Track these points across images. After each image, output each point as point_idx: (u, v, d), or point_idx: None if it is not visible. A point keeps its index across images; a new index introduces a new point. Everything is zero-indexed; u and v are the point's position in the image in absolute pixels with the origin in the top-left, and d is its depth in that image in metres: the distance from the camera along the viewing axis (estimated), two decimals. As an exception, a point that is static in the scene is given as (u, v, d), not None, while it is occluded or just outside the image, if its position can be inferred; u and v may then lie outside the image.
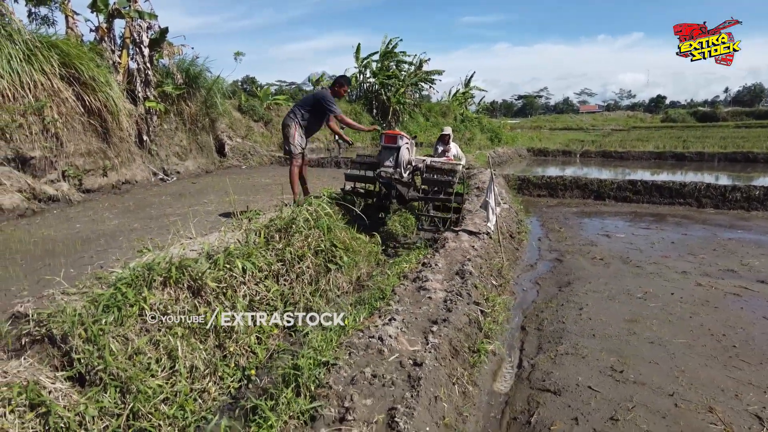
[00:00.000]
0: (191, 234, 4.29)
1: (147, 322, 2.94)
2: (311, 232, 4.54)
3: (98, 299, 2.84)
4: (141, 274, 3.12)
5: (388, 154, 5.80)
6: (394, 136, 5.80)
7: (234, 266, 3.62)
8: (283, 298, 4.04)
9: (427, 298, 3.92)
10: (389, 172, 5.71)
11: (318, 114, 5.96)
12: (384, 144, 5.86)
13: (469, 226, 6.26)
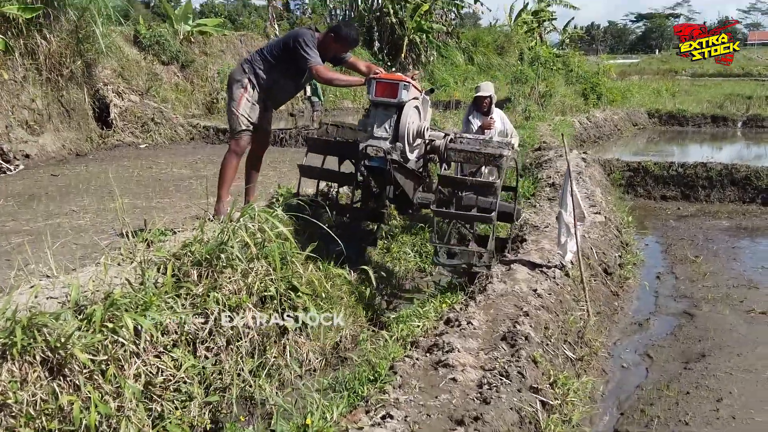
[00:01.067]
0: (50, 269, 4.50)
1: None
2: (254, 265, 4.73)
3: None
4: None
5: (381, 117, 5.86)
6: (394, 83, 5.81)
7: (121, 326, 3.82)
8: (204, 379, 4.23)
9: (450, 380, 4.09)
10: (382, 149, 5.71)
11: (292, 67, 6.17)
12: (374, 97, 5.88)
13: (531, 254, 6.43)
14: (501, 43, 36.40)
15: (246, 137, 6.20)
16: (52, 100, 12.58)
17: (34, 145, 11.76)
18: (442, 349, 4.50)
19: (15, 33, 11.49)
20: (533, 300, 5.44)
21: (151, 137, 14.79)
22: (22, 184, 9.52)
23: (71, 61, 12.95)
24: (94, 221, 7.00)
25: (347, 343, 5.53)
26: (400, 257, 7.45)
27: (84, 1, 12.83)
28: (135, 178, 10.14)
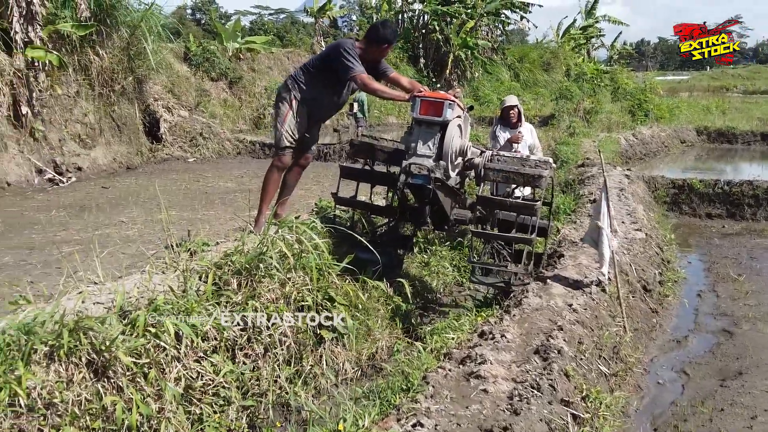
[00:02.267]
0: (97, 276, 4.70)
1: (22, 415, 3.31)
2: (291, 276, 4.86)
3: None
4: (15, 340, 3.48)
5: (424, 134, 5.86)
6: (439, 102, 5.80)
7: (163, 331, 3.98)
8: (242, 385, 4.36)
9: (481, 391, 4.15)
10: (425, 167, 5.72)
11: (333, 79, 6.18)
12: (419, 115, 5.86)
13: (568, 270, 6.45)
14: (547, 59, 36.27)
15: (289, 153, 6.29)
16: (104, 114, 12.98)
17: (86, 158, 12.15)
18: (474, 360, 4.56)
19: (69, 49, 11.91)
20: (568, 315, 5.46)
21: (199, 151, 15.14)
22: (73, 196, 9.85)
23: (123, 77, 13.35)
24: (142, 232, 7.23)
25: (383, 354, 5.62)
26: (439, 271, 7.52)
27: (135, 19, 13.24)
28: (182, 190, 10.41)
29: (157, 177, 11.98)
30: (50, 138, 11.49)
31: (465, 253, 7.70)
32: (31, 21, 10.83)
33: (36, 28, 10.93)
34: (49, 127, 11.51)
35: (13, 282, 5.18)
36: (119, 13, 12.95)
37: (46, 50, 10.98)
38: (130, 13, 13.32)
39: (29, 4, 10.73)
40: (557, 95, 25.70)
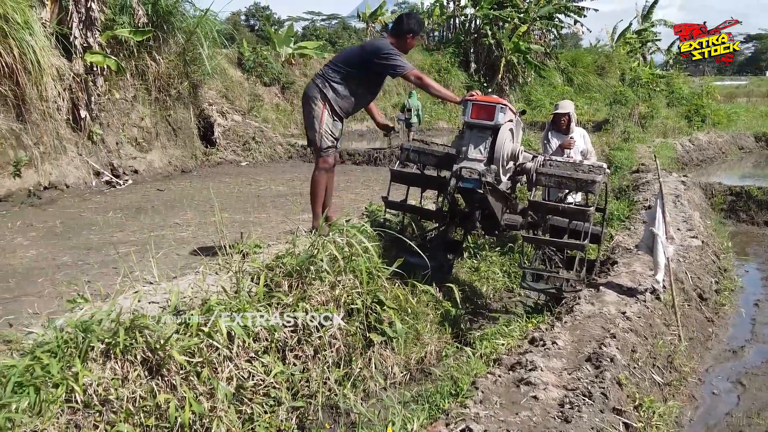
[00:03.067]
0: (152, 276, 4.80)
1: (78, 411, 3.40)
2: (341, 279, 4.90)
3: (7, 374, 3.31)
4: (72, 337, 3.59)
5: (476, 138, 5.86)
6: (491, 105, 5.80)
7: (215, 330, 4.04)
8: (292, 385, 4.41)
9: (531, 398, 4.12)
10: (476, 171, 5.69)
11: (371, 80, 6.30)
12: (470, 119, 5.87)
13: (621, 277, 6.36)
14: (601, 63, 35.89)
15: (332, 153, 6.33)
16: (160, 118, 13.24)
17: (142, 161, 12.41)
18: (525, 367, 4.53)
19: (127, 54, 12.19)
20: (621, 322, 5.40)
21: (251, 155, 15.33)
22: (130, 198, 10.07)
23: (179, 82, 13.61)
24: (196, 233, 7.35)
25: (432, 359, 5.62)
26: (489, 276, 7.49)
27: (191, 25, 13.49)
28: (235, 194, 10.55)
29: (211, 180, 12.17)
30: (108, 141, 11.76)
31: (515, 259, 7.65)
32: (90, 27, 11.11)
33: (95, 34, 11.20)
34: (107, 131, 11.78)
35: (72, 281, 5.32)
36: (175, 19, 13.20)
37: (104, 55, 11.25)
38: (186, 19, 13.57)
39: (88, 10, 11.00)
40: (611, 100, 25.38)
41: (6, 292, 5.27)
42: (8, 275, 5.75)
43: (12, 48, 9.15)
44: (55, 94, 10.36)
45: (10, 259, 6.30)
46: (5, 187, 9.08)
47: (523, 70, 30.65)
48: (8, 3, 8.98)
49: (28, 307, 4.70)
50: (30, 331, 3.80)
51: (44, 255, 6.49)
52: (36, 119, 9.82)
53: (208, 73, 14.36)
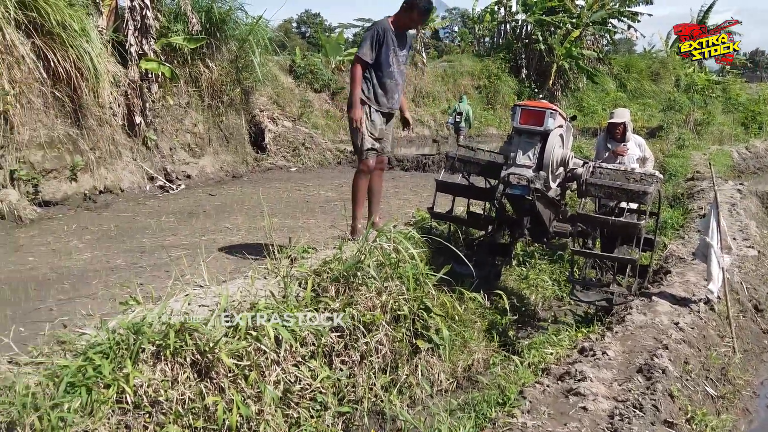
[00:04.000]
0: (203, 280, 4.87)
1: (128, 412, 3.46)
2: (388, 285, 4.90)
3: (60, 374, 3.39)
4: (124, 339, 3.66)
5: (524, 144, 5.79)
6: (540, 111, 5.72)
7: (263, 334, 4.08)
8: (338, 391, 4.42)
9: (580, 408, 4.07)
10: (525, 177, 5.64)
11: (379, 64, 6.30)
12: (519, 125, 5.78)
13: (675, 287, 6.24)
14: (656, 69, 35.30)
15: (373, 156, 6.36)
16: (213, 125, 13.45)
17: (194, 166, 12.61)
18: (574, 377, 4.49)
19: (181, 62, 12.43)
20: (674, 333, 5.30)
21: (301, 161, 15.45)
22: (182, 202, 10.25)
23: (231, 89, 13.81)
24: (245, 238, 7.44)
25: (479, 367, 5.58)
26: (538, 284, 7.41)
27: (244, 33, 13.68)
28: (284, 199, 10.65)
29: (261, 185, 12.30)
30: (162, 147, 11.98)
31: (566, 267, 7.55)
32: (145, 34, 11.35)
33: (150, 41, 11.44)
34: (161, 137, 12.01)
35: (124, 283, 5.43)
36: (228, 27, 13.42)
37: (159, 62, 11.47)
38: (238, 27, 13.78)
39: (144, 18, 11.25)
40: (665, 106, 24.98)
41: (61, 294, 5.41)
42: (63, 277, 5.90)
43: (70, 55, 9.40)
44: (111, 101, 10.60)
45: (65, 262, 6.46)
46: (62, 190, 9.31)
47: (575, 75, 30.38)
48: (66, 11, 9.22)
49: (82, 309, 4.80)
50: (83, 332, 3.88)
51: (98, 257, 6.64)
52: (92, 125, 10.06)
53: (260, 79, 14.53)
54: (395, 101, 6.47)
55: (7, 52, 8.68)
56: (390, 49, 6.27)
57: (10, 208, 8.24)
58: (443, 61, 30.51)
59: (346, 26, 51.43)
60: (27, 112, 8.91)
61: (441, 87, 26.69)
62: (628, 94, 32.31)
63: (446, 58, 31.60)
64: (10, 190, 8.53)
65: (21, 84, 8.79)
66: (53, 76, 9.32)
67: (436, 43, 43.09)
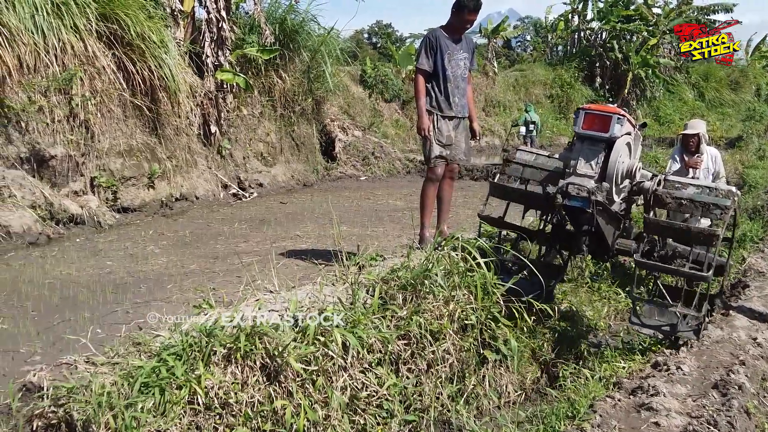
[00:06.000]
0: (273, 285, 4.95)
1: (199, 413, 3.54)
2: (455, 294, 4.88)
3: (134, 374, 3.49)
4: (196, 341, 3.75)
5: (587, 152, 5.33)
6: (606, 115, 5.26)
7: (331, 340, 4.12)
8: (404, 399, 4.42)
9: (653, 424, 3.97)
10: (586, 188, 5.17)
11: (437, 74, 6.40)
12: (582, 130, 5.32)
13: (753, 301, 6.05)
14: (735, 78, 34.26)
15: (441, 164, 6.42)
16: (285, 134, 13.70)
17: (267, 175, 12.85)
18: (646, 392, 4.39)
19: (255, 72, 12.73)
20: (752, 349, 5.13)
21: (370, 170, 15.57)
22: (254, 210, 10.45)
23: (303, 99, 14.06)
24: (315, 245, 7.53)
25: (547, 379, 5.51)
26: (610, 296, 7.26)
27: (316, 44, 13.90)
28: (354, 207, 10.75)
29: (331, 194, 12.44)
30: (235, 155, 12.27)
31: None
32: (221, 46, 11.65)
33: (225, 53, 11.74)
34: (235, 146, 12.30)
35: (198, 288, 5.58)
36: (301, 38, 13.68)
37: (234, 73, 11.75)
38: (310, 38, 14.02)
39: (220, 30, 11.55)
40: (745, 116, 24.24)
41: (138, 297, 5.59)
42: (140, 281, 6.09)
43: (149, 66, 9.72)
44: (188, 110, 10.92)
45: (142, 266, 6.66)
46: (140, 197, 9.62)
47: (651, 84, 29.73)
48: (145, 23, 9.55)
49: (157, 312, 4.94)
50: (157, 333, 4.00)
51: (174, 262, 6.82)
52: (169, 134, 10.37)
53: (331, 89, 14.74)
54: (459, 105, 6.50)
55: (88, 63, 9.04)
56: (445, 54, 6.35)
57: (90, 214, 8.56)
58: (515, 70, 30.28)
59: (417, 36, 51.43)
60: (107, 121, 9.26)
61: (512, 96, 26.50)
62: (707, 104, 31.48)
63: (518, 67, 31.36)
64: (90, 197, 8.86)
65: (102, 93, 9.13)
66: (132, 86, 9.67)
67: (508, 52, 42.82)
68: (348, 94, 18.03)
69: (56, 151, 8.60)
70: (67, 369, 3.71)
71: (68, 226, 8.28)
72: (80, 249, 7.43)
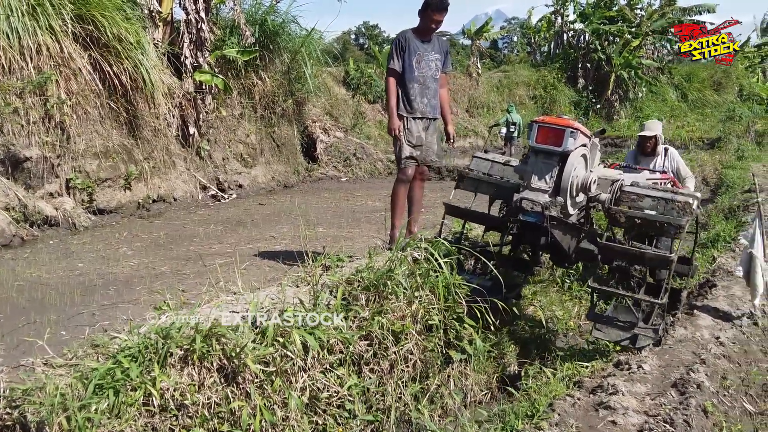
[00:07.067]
0: (238, 287, 4.95)
1: (155, 415, 3.54)
2: (418, 294, 4.90)
3: (89, 376, 3.49)
4: (153, 343, 3.75)
5: (541, 166, 5.30)
6: (559, 129, 5.17)
7: (290, 341, 4.12)
8: (366, 399, 4.43)
9: (609, 422, 4.00)
10: (540, 204, 5.15)
11: (407, 76, 6.40)
12: (535, 144, 5.27)
13: (719, 300, 6.09)
14: (718, 78, 34.43)
15: (411, 164, 6.42)
16: (265, 135, 13.69)
17: (246, 176, 12.84)
18: (606, 390, 4.42)
19: (234, 73, 12.72)
20: (714, 348, 5.17)
21: (352, 171, 15.60)
22: (232, 211, 10.44)
23: (283, 100, 14.05)
24: (289, 247, 7.53)
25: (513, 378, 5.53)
26: (581, 297, 7.30)
27: (296, 45, 13.90)
28: (332, 209, 10.76)
29: (311, 195, 12.46)
30: (215, 157, 12.25)
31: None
32: (200, 47, 11.63)
33: (204, 54, 11.71)
34: (214, 147, 12.28)
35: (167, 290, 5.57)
36: (281, 39, 13.67)
37: (213, 74, 11.73)
38: (291, 39, 14.02)
39: (199, 31, 11.53)
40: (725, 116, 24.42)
41: (105, 299, 5.56)
42: (109, 283, 6.07)
43: (126, 67, 9.69)
44: (166, 112, 10.89)
45: (113, 268, 6.64)
46: (116, 199, 9.58)
47: (634, 85, 29.88)
48: (122, 24, 9.52)
49: (124, 314, 4.95)
50: (115, 335, 3.99)
51: (145, 264, 6.80)
52: (147, 135, 10.34)
53: (311, 91, 14.73)
54: (429, 106, 6.50)
55: (64, 64, 9.01)
56: (414, 55, 6.36)
57: (65, 216, 8.52)
58: (499, 71, 30.36)
59: (403, 37, 51.55)
60: (83, 123, 9.22)
61: (496, 97, 26.55)
62: (689, 104, 31.63)
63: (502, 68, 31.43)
64: (65, 198, 8.83)
65: (77, 95, 9.10)
66: (109, 88, 9.63)
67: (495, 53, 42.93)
68: (331, 95, 18.04)
69: (31, 153, 8.56)
70: (25, 371, 3.71)
71: (42, 228, 8.24)
72: (53, 251, 7.40)
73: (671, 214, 5.14)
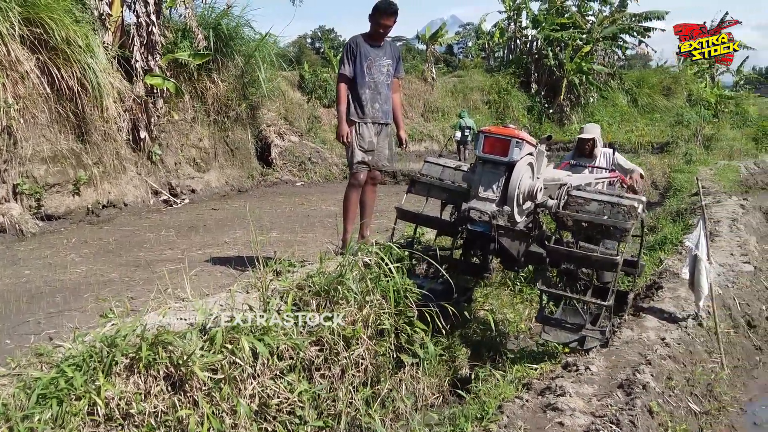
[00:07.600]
0: (186, 293, 4.89)
1: (99, 424, 3.47)
2: (369, 299, 4.89)
3: (32, 386, 3.42)
4: (97, 351, 3.68)
5: (488, 176, 5.34)
6: (505, 140, 5.21)
7: (239, 348, 4.08)
8: (317, 405, 4.41)
9: (557, 423, 4.04)
10: (487, 213, 5.19)
11: (358, 81, 6.42)
12: (482, 153, 5.31)
13: (665, 302, 6.19)
14: (668, 84, 35.10)
15: (363, 169, 6.46)
16: (218, 139, 13.58)
17: (200, 181, 12.72)
18: (554, 392, 4.47)
19: (186, 77, 12.59)
20: (660, 349, 5.26)
21: (307, 175, 15.56)
22: (184, 217, 10.33)
23: (237, 104, 13.94)
24: (242, 252, 7.47)
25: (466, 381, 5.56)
26: (533, 299, 7.37)
27: (250, 49, 13.83)
28: (287, 213, 10.72)
29: (265, 200, 12.38)
30: (167, 161, 12.11)
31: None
32: (151, 50, 11.49)
33: (156, 57, 11.58)
34: (166, 151, 12.14)
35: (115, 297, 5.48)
36: (235, 43, 13.59)
37: (164, 78, 11.60)
38: (245, 43, 13.94)
39: (149, 34, 11.39)
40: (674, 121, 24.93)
41: (52, 307, 5.47)
42: (56, 290, 5.96)
43: (74, 71, 9.52)
44: (116, 116, 10.73)
45: (60, 275, 6.53)
46: (65, 205, 9.41)
47: (586, 90, 30.32)
48: (71, 27, 9.36)
49: (70, 322, 4.86)
50: (60, 344, 3.91)
51: (94, 271, 6.70)
52: (96, 140, 10.17)
53: (265, 95, 14.66)
54: (381, 111, 6.52)
55: (11, 68, 8.82)
56: (365, 60, 6.37)
57: (12, 222, 8.36)
58: (453, 76, 30.56)
59: (359, 42, 51.58)
60: (30, 127, 9.03)
61: (451, 102, 26.69)
62: (639, 109, 32.18)
63: (457, 73, 31.64)
64: (12, 204, 8.65)
65: (25, 99, 8.91)
66: (57, 92, 9.45)
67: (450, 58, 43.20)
68: (286, 99, 17.96)
69: (-24, 158, 8.38)
70: (-34, 382, 3.62)
71: (-12, 235, 8.08)
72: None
73: (617, 218, 5.23)
